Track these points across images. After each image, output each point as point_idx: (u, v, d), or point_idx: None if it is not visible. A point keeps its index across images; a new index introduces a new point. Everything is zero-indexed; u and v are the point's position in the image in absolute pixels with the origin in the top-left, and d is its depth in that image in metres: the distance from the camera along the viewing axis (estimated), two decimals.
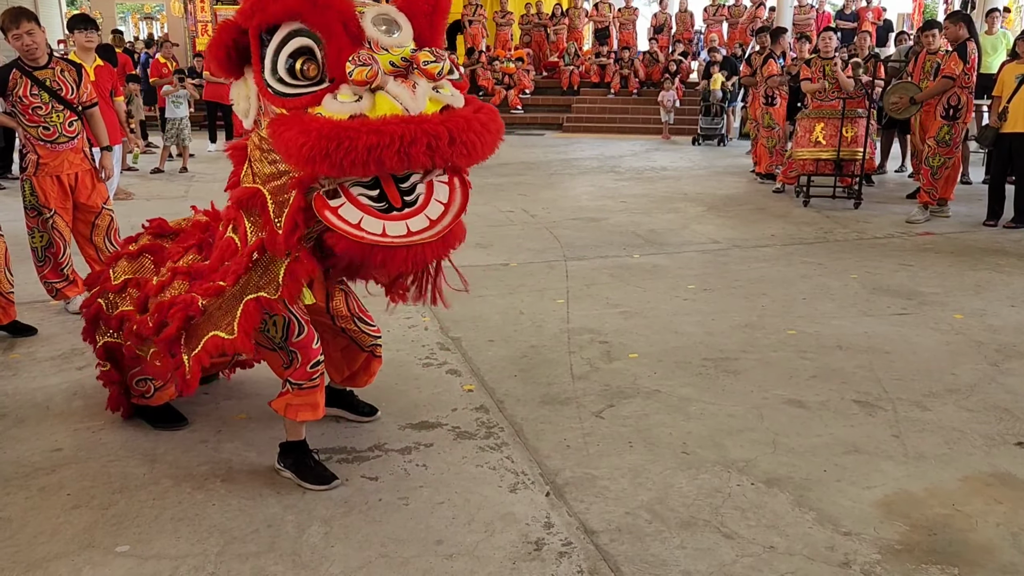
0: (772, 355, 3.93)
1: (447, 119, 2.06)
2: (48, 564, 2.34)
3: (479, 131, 2.10)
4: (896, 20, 16.53)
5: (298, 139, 2.02)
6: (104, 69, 5.86)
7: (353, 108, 2.06)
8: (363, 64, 2.02)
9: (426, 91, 2.11)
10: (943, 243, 6.27)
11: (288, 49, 2.13)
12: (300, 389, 2.65)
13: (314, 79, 2.14)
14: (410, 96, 2.07)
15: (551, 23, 16.90)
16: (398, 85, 2.07)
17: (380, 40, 2.12)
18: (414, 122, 2.00)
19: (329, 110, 2.08)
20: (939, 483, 2.79)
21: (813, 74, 8.15)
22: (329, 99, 2.10)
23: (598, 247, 6.09)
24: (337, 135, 1.98)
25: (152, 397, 3.12)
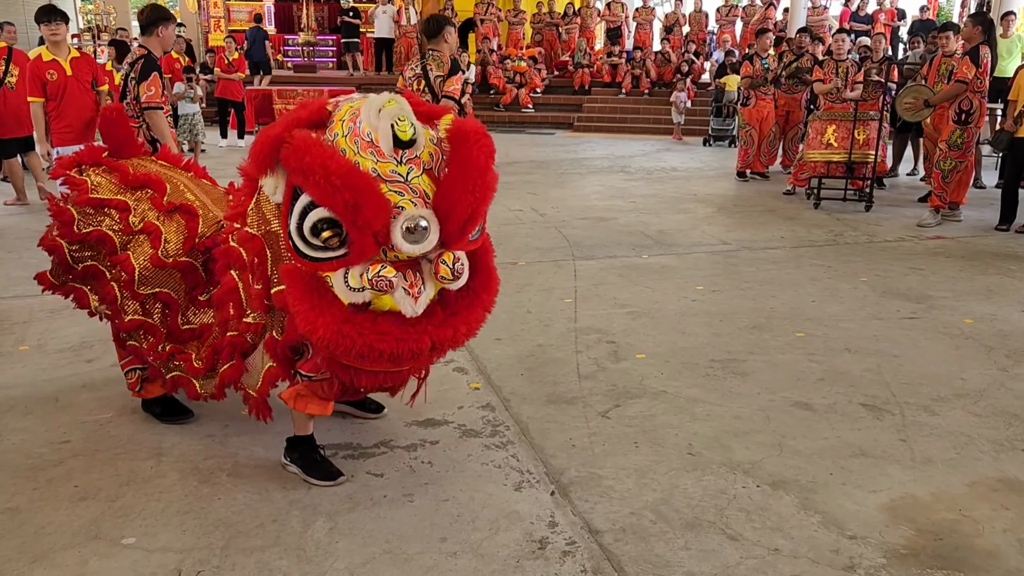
0: (780, 357, 3.92)
1: (440, 330, 2.26)
2: (55, 555, 2.36)
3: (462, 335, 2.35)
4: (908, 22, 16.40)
5: (307, 315, 2.18)
6: (82, 60, 5.81)
7: (357, 297, 2.19)
8: (375, 288, 2.15)
9: (429, 295, 2.26)
10: (954, 247, 6.24)
11: (316, 216, 2.14)
12: (311, 381, 2.66)
13: (334, 247, 2.17)
14: (411, 306, 2.21)
15: (563, 22, 16.88)
16: (404, 296, 2.19)
17: (402, 248, 2.16)
18: (403, 340, 2.20)
19: (338, 289, 2.19)
20: (946, 488, 2.78)
21: (826, 75, 8.13)
22: (340, 278, 2.19)
23: (607, 247, 6.08)
24: (336, 338, 2.17)
25: (140, 390, 3.14)
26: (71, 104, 5.59)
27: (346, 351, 2.19)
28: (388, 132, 2.14)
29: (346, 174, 2.07)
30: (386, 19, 15.95)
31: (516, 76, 15.20)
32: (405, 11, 16.38)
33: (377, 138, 2.15)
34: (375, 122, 2.16)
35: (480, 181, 2.22)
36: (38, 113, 5.59)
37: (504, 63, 15.37)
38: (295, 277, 2.25)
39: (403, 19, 16.32)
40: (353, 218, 2.08)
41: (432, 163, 2.23)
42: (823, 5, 15.44)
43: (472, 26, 16.63)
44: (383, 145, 2.15)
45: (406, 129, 2.16)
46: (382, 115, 2.15)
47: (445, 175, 2.21)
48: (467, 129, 2.24)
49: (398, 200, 2.14)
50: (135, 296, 2.85)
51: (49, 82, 5.52)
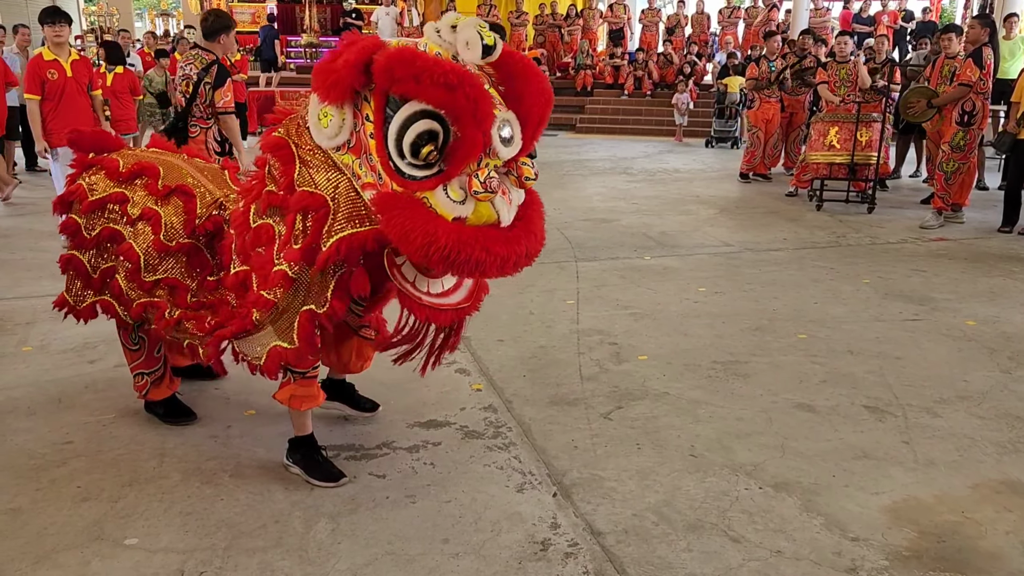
0: (782, 359, 3.92)
1: (527, 237, 2.26)
2: (57, 555, 2.36)
3: (541, 242, 2.36)
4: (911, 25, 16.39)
5: (423, 234, 2.11)
6: (81, 63, 5.81)
7: (459, 210, 2.15)
8: (488, 191, 2.12)
9: (517, 202, 2.28)
10: (957, 249, 6.23)
11: (418, 129, 2.08)
12: (303, 378, 2.66)
13: (432, 163, 2.13)
14: (507, 210, 2.22)
15: (565, 24, 16.88)
16: (502, 200, 2.20)
17: (499, 151, 2.15)
18: (511, 243, 2.20)
19: (440, 205, 2.14)
20: (949, 490, 2.77)
21: (829, 78, 8.13)
22: (441, 193, 2.14)
23: (609, 248, 6.08)
24: (457, 245, 2.11)
25: (147, 394, 3.14)
26: (69, 105, 5.60)
27: (466, 260, 2.12)
28: (477, 39, 2.09)
29: (461, 72, 2.04)
30: (388, 21, 15.96)
31: None
32: (407, 13, 16.39)
33: (448, 55, 2.13)
34: (450, 37, 2.14)
35: (544, 85, 2.24)
36: (35, 111, 5.57)
37: None
38: (395, 200, 2.17)
39: (405, 21, 16.33)
40: (474, 111, 2.04)
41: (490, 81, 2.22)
42: (825, 7, 15.43)
43: None
44: (471, 53, 2.10)
45: (490, 34, 2.13)
46: (462, 27, 2.12)
47: (509, 86, 2.22)
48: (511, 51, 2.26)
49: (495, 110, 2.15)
50: (142, 286, 2.82)
51: (49, 81, 5.53)
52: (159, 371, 3.14)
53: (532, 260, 2.30)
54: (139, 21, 26.13)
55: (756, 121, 9.31)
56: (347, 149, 2.31)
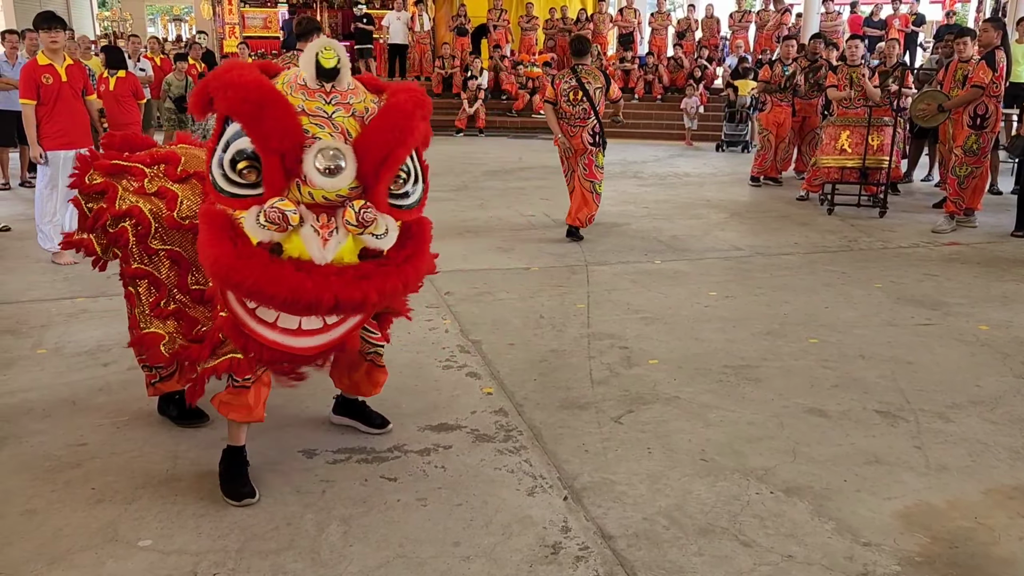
0: (793, 363, 3.91)
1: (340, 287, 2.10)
2: (72, 556, 2.38)
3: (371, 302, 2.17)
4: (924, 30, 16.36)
5: (211, 248, 2.12)
6: (75, 68, 5.79)
7: (265, 235, 2.11)
8: (272, 223, 2.07)
9: (338, 242, 2.14)
10: (969, 253, 6.20)
11: (238, 146, 2.15)
12: (234, 387, 2.64)
13: (252, 183, 2.15)
14: (319, 248, 2.11)
15: (576, 28, 16.87)
16: (312, 235, 2.10)
17: (315, 180, 2.11)
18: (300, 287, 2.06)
19: (247, 227, 2.12)
20: (961, 495, 2.76)
21: (840, 81, 8.11)
22: (251, 216, 2.12)
23: (619, 252, 6.08)
24: (230, 270, 2.07)
25: (157, 385, 3.12)
26: (64, 109, 5.58)
27: (236, 285, 2.09)
28: (312, 60, 2.16)
29: (256, 87, 2.08)
30: (400, 26, 16.02)
31: (529, 82, 15.22)
32: (418, 18, 16.44)
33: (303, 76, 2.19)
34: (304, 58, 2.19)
35: (403, 123, 2.19)
36: (30, 115, 5.55)
37: (517, 69, 15.39)
38: (211, 216, 2.19)
39: (416, 26, 16.38)
40: (256, 128, 2.07)
41: (364, 115, 2.23)
42: (837, 11, 15.39)
43: (485, 32, 16.72)
44: (306, 71, 2.16)
45: (330, 57, 2.17)
46: (308, 49, 2.19)
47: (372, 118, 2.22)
48: (405, 86, 2.28)
49: (316, 131, 2.14)
50: (147, 249, 2.82)
51: (44, 86, 5.51)
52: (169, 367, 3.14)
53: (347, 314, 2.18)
54: (151, 27, 26.30)
55: (767, 124, 9.31)
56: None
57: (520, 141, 13.67)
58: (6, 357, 3.89)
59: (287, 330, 2.21)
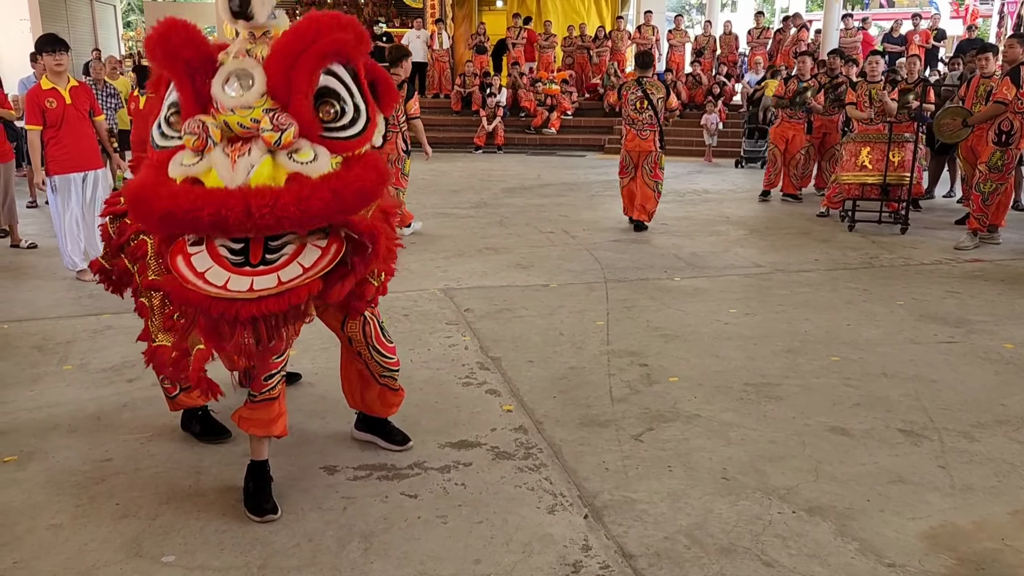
0: (815, 381, 3.89)
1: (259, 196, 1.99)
2: (97, 571, 2.41)
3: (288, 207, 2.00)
4: (945, 45, 16.27)
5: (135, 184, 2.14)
6: (80, 89, 5.83)
7: (189, 171, 2.07)
8: (190, 133, 2.05)
9: (249, 163, 2.03)
10: (993, 270, 6.14)
11: (170, 99, 2.20)
12: (252, 402, 2.66)
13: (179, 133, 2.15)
14: (228, 169, 2.02)
15: (594, 45, 16.97)
16: (221, 155, 2.04)
17: (223, 101, 2.08)
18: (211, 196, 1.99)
19: (172, 171, 2.11)
20: (988, 516, 2.73)
21: (859, 98, 8.08)
22: (175, 159, 2.11)
23: (639, 269, 6.08)
24: (148, 190, 2.05)
25: (177, 398, 3.16)
26: (69, 132, 5.58)
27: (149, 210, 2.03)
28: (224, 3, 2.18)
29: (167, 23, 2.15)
30: (419, 44, 16.16)
31: (547, 99, 15.30)
32: (438, 36, 16.58)
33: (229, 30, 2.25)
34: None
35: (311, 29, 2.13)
36: (35, 141, 5.58)
37: (535, 86, 15.48)
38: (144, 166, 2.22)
39: (436, 44, 16.52)
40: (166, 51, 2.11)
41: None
42: (856, 27, 15.36)
43: (505, 49, 16.82)
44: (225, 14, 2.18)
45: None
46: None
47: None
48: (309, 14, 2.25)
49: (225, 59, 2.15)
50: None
51: (48, 110, 5.54)
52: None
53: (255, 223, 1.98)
54: None
55: (774, 138, 9.44)
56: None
57: (539, 158, 13.72)
58: (33, 373, 3.95)
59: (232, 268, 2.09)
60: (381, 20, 17.71)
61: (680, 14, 20.43)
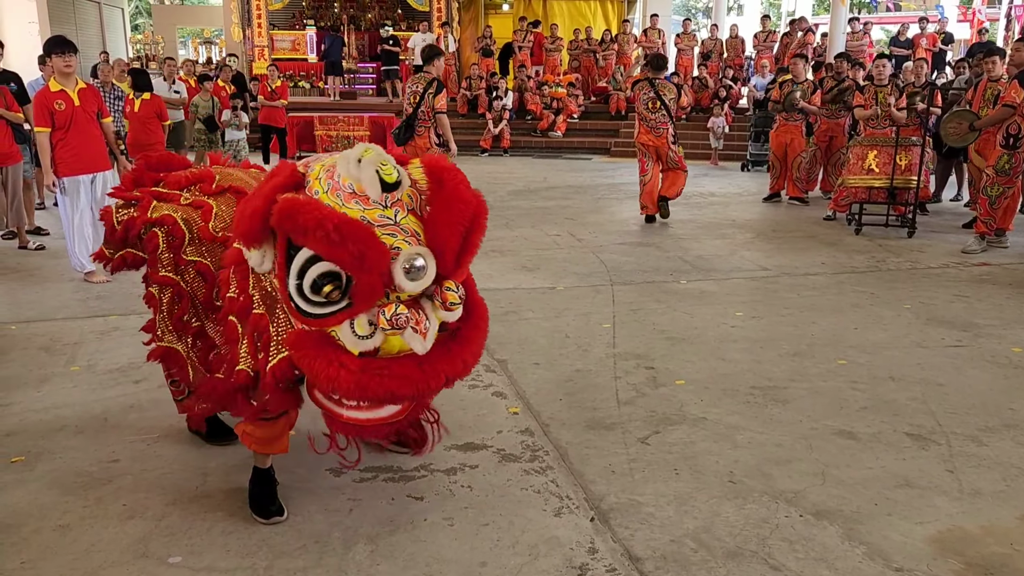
0: (822, 385, 3.88)
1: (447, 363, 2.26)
2: (104, 572, 2.41)
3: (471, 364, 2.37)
4: (953, 48, 16.24)
5: (325, 379, 2.18)
6: (88, 91, 5.81)
7: (367, 344, 2.19)
8: (395, 328, 2.15)
9: (435, 329, 2.25)
10: (1001, 274, 6.12)
11: (316, 271, 2.15)
12: (260, 420, 2.64)
13: (336, 301, 2.17)
14: (421, 343, 2.21)
15: (600, 49, 16.97)
16: (413, 335, 2.19)
17: (405, 287, 2.17)
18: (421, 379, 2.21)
19: (346, 340, 2.19)
20: (996, 521, 2.71)
21: (866, 101, 8.07)
22: (347, 329, 2.18)
23: (645, 272, 6.08)
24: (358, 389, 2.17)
25: (184, 401, 3.15)
26: (77, 134, 5.56)
27: (370, 400, 2.22)
28: (375, 178, 2.17)
29: (344, 226, 2.09)
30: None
31: (553, 102, 15.30)
32: (444, 39, 16.61)
33: (360, 188, 2.18)
34: (356, 172, 2.18)
35: (465, 215, 2.23)
36: (45, 143, 5.53)
37: (542, 89, 15.49)
38: (303, 339, 2.25)
39: (442, 47, 16.55)
40: (360, 266, 2.10)
41: (413, 204, 2.24)
42: (862, 30, 15.33)
43: (511, 52, 16.85)
44: (371, 191, 2.17)
45: (391, 172, 2.19)
46: (364, 164, 2.18)
47: (430, 212, 2.23)
48: (440, 165, 2.28)
49: (392, 242, 2.16)
50: (179, 259, 2.84)
51: (57, 112, 5.52)
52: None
53: (454, 383, 2.34)
54: (182, 49, 26.80)
55: (772, 143, 9.65)
56: (273, 275, 2.35)
57: (544, 161, 13.72)
58: (40, 374, 3.96)
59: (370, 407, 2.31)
60: (387, 23, 17.73)
61: (688, 18, 20.40)
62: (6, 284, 5.70)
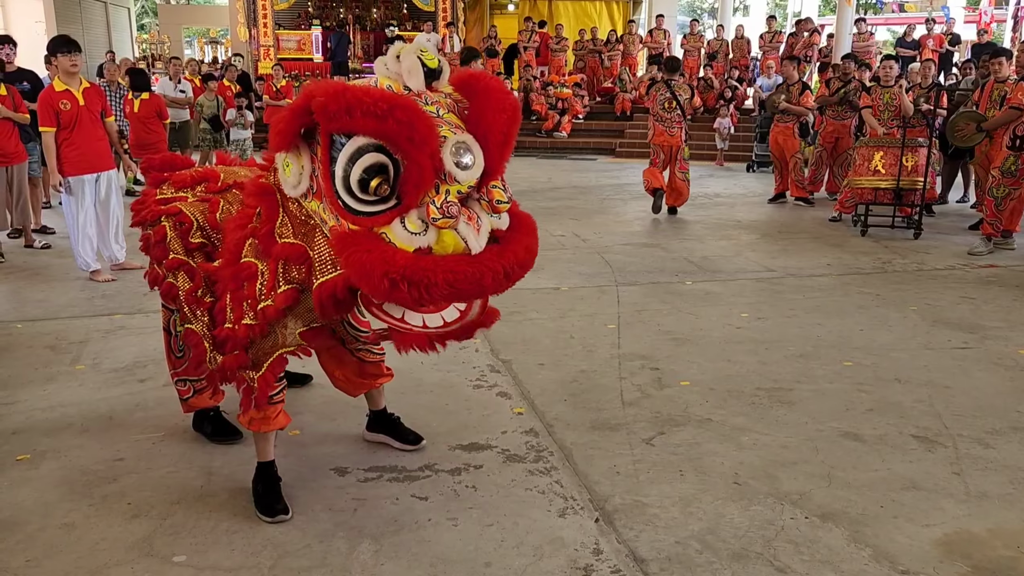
0: (828, 386, 3.86)
1: (504, 255, 2.14)
2: (109, 571, 2.41)
3: (526, 263, 2.23)
4: (959, 49, 16.19)
5: (380, 263, 2.04)
6: (92, 90, 5.82)
7: (420, 241, 2.08)
8: (447, 216, 2.05)
9: (488, 228, 2.16)
10: (1007, 276, 6.10)
11: (364, 163, 2.05)
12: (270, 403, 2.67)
13: (386, 198, 2.09)
14: (475, 237, 2.11)
15: (605, 49, 16.97)
16: (467, 226, 2.10)
17: (456, 175, 2.08)
18: (480, 263, 2.09)
19: (398, 238, 2.08)
20: (1003, 524, 2.70)
21: (873, 102, 8.05)
22: (399, 226, 2.08)
23: (650, 273, 6.07)
24: (417, 270, 2.03)
25: (190, 400, 3.19)
26: (82, 133, 5.55)
27: (432, 281, 2.03)
28: (417, 64, 2.11)
29: (390, 97, 2.02)
30: (430, 47, 16.19)
31: (558, 102, 15.30)
32: (449, 39, 16.62)
33: (399, 86, 2.12)
34: (396, 67, 2.13)
35: (506, 101, 2.17)
36: (50, 143, 5.53)
37: (547, 89, 15.48)
38: (351, 238, 2.13)
39: (447, 47, 16.56)
40: (409, 135, 2.00)
41: (456, 105, 2.19)
42: (869, 31, 15.30)
43: (516, 53, 16.85)
44: (414, 79, 2.11)
45: (432, 58, 2.13)
46: (404, 55, 2.13)
47: (471, 106, 2.18)
48: (473, 72, 2.23)
49: (440, 131, 2.08)
50: (187, 243, 2.84)
51: (62, 112, 5.52)
52: (203, 381, 3.18)
53: (515, 278, 2.19)
54: (188, 49, 26.85)
55: (770, 143, 9.89)
56: (312, 195, 2.30)
57: (549, 161, 13.72)
58: (46, 372, 3.97)
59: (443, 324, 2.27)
60: (393, 23, 17.77)
61: (695, 19, 20.38)
62: (12, 283, 5.71)
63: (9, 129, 6.67)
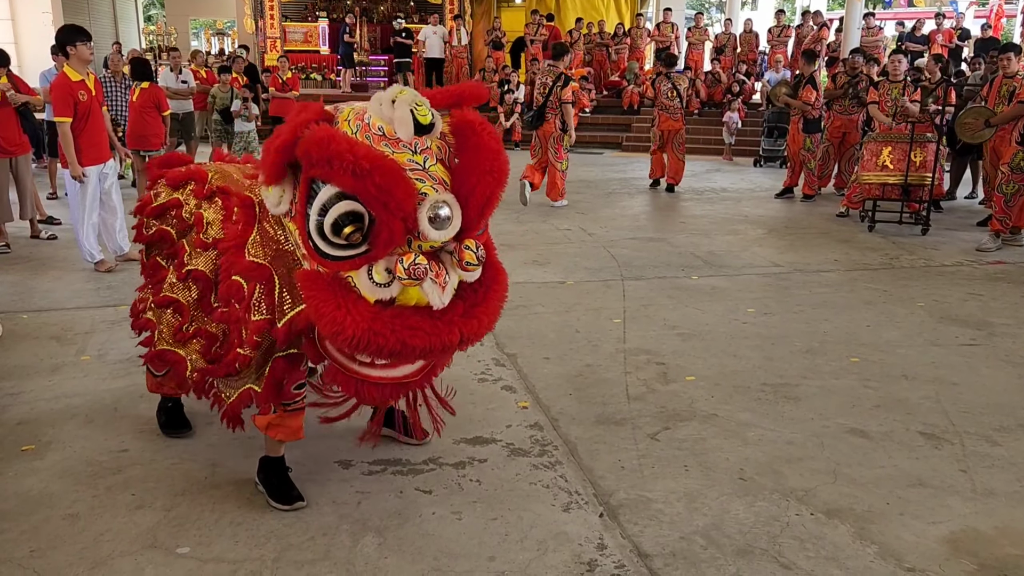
0: (834, 382, 3.85)
1: (465, 323, 2.18)
2: (113, 562, 2.41)
3: (483, 332, 2.26)
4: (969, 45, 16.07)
5: (331, 322, 2.09)
6: (96, 81, 5.78)
7: (383, 293, 2.12)
8: (412, 278, 2.07)
9: (454, 284, 2.20)
10: (1016, 272, 6.06)
11: (339, 209, 2.07)
12: (286, 410, 2.66)
13: (356, 245, 2.11)
14: (439, 295, 2.14)
15: (613, 43, 16.89)
16: (432, 284, 2.12)
17: (429, 234, 2.11)
18: (435, 333, 2.12)
19: (363, 286, 2.11)
20: (1010, 522, 2.69)
21: (881, 97, 8.00)
22: (364, 275, 2.11)
23: (656, 267, 6.05)
24: (367, 335, 2.07)
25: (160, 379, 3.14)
26: (95, 123, 5.58)
27: (379, 349, 2.09)
28: (409, 117, 2.10)
29: (374, 158, 2.03)
30: (436, 40, 16.14)
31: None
32: (456, 32, 16.57)
33: (391, 130, 2.12)
34: (389, 113, 2.13)
35: (495, 163, 2.18)
36: (67, 133, 5.43)
37: None
38: (315, 280, 2.17)
39: (454, 40, 16.50)
40: (386, 201, 2.02)
41: (442, 154, 2.19)
42: (877, 26, 15.20)
43: (523, 46, 16.78)
44: (403, 131, 2.11)
45: (425, 113, 2.13)
46: (398, 104, 2.12)
47: (458, 163, 2.18)
48: (470, 119, 2.22)
49: (420, 187, 2.09)
50: (179, 276, 2.83)
51: (80, 102, 5.47)
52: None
53: (468, 346, 2.24)
54: (195, 40, 26.85)
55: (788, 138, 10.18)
56: (290, 218, 2.30)
57: None
58: (51, 363, 3.97)
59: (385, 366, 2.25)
60: (400, 16, 17.70)
61: (700, 12, 20.30)
62: (18, 273, 5.72)
63: (12, 119, 6.66)
